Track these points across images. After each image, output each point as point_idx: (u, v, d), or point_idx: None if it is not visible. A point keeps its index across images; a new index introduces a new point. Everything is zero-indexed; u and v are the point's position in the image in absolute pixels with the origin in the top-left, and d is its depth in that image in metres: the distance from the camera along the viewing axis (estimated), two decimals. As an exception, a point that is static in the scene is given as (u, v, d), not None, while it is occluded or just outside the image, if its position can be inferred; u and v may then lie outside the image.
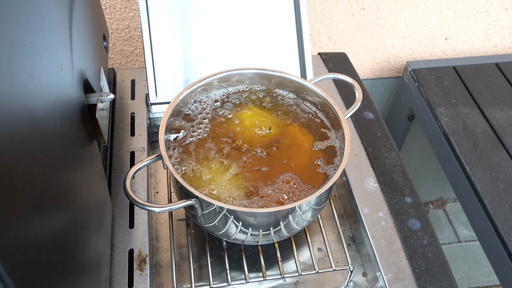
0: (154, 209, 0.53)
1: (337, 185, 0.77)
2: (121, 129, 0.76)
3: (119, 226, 0.63)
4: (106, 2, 0.96)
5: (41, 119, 0.36)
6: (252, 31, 0.80)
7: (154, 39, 0.76)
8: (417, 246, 0.64)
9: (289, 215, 0.56)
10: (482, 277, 1.51)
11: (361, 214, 0.67)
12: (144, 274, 0.59)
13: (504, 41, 1.27)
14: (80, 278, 0.41)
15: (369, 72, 1.28)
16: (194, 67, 0.79)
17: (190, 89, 0.65)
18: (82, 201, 0.46)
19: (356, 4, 1.10)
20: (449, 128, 1.02)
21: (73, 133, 0.44)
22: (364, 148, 0.77)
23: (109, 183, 0.68)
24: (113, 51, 1.05)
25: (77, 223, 0.43)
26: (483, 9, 1.18)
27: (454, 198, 1.69)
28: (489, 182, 0.91)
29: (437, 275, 0.61)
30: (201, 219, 0.58)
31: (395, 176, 0.73)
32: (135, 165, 0.55)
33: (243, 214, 0.54)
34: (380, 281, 0.62)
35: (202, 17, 0.78)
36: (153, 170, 0.76)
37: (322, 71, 0.93)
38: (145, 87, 0.84)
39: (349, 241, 0.70)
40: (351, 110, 0.66)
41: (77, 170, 0.45)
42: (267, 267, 0.65)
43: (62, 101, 0.42)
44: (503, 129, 1.02)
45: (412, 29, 1.19)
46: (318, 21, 1.12)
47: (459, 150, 0.97)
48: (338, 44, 1.19)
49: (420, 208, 0.69)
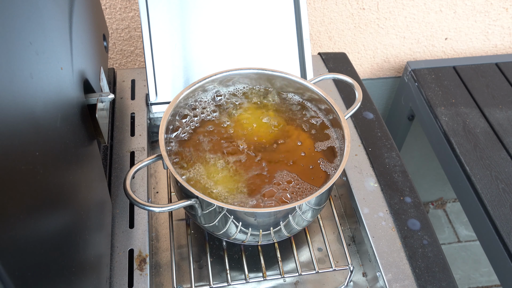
0: (154, 209, 0.53)
1: (337, 185, 0.77)
2: (121, 129, 0.76)
3: (119, 226, 0.63)
4: (106, 2, 0.96)
5: (41, 119, 0.36)
6: (252, 31, 0.80)
7: (154, 39, 0.76)
8: (417, 246, 0.64)
9: (289, 215, 0.56)
10: (482, 277, 1.51)
11: (361, 214, 0.67)
12: (144, 274, 0.59)
13: (504, 41, 1.27)
14: (80, 278, 0.41)
15: (369, 72, 1.28)
16: (194, 67, 0.79)
17: (190, 89, 0.65)
18: (82, 201, 0.46)
19: (356, 4, 1.10)
20: (449, 128, 1.02)
21: (73, 133, 0.44)
22: (364, 148, 0.77)
23: (109, 183, 0.68)
24: (113, 51, 1.06)
25: (77, 223, 0.43)
26: (483, 9, 1.18)
27: (454, 198, 1.69)
28: (489, 182, 0.91)
29: (437, 275, 0.61)
30: (201, 219, 0.58)
31: (395, 176, 0.73)
32: (135, 165, 0.55)
33: (243, 214, 0.54)
34: (380, 281, 0.62)
35: (202, 17, 0.78)
36: (153, 170, 0.76)
37: (322, 71, 0.93)
38: (145, 87, 0.84)
39: (349, 241, 0.70)
40: (351, 110, 0.66)
41: (77, 170, 0.45)
42: (267, 267, 0.65)
43: (62, 101, 0.42)
44: (503, 129, 1.02)
45: (412, 29, 1.19)
46: (318, 21, 1.12)
47: (459, 150, 0.97)
48: (338, 44, 1.19)
49: (420, 208, 0.69)
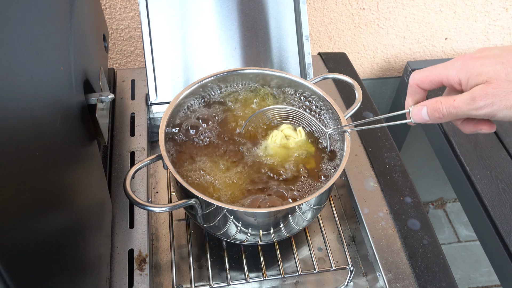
0: (154, 209, 0.53)
1: (337, 185, 0.77)
2: (121, 129, 0.76)
3: (119, 226, 0.63)
4: (106, 2, 0.96)
5: (41, 119, 0.36)
6: (252, 31, 0.80)
7: (154, 39, 0.76)
8: (417, 246, 0.64)
9: (289, 215, 0.56)
10: (482, 277, 1.51)
11: (361, 214, 0.67)
12: (144, 274, 0.59)
13: (504, 41, 1.27)
14: (80, 278, 0.41)
15: (369, 72, 1.28)
16: (194, 67, 0.79)
17: (190, 89, 0.65)
18: (82, 201, 0.46)
19: (356, 4, 1.10)
20: (449, 128, 1.02)
21: (73, 133, 0.44)
22: (364, 148, 0.77)
23: (109, 183, 0.68)
24: (113, 51, 1.05)
25: (77, 223, 0.43)
26: (483, 9, 1.18)
27: (454, 198, 1.69)
28: (489, 182, 0.91)
29: (437, 275, 0.61)
30: (201, 219, 0.58)
31: (395, 176, 0.73)
32: (135, 165, 0.55)
33: (243, 214, 0.54)
34: (380, 281, 0.62)
35: (202, 17, 0.78)
36: (153, 170, 0.76)
37: (322, 71, 0.93)
38: (145, 87, 0.84)
39: (349, 241, 0.70)
40: (351, 110, 0.66)
41: (77, 170, 0.45)
42: (267, 267, 0.65)
43: (62, 101, 0.42)
44: (503, 129, 1.02)
45: (412, 29, 1.19)
46: (318, 21, 1.12)
47: (459, 150, 0.97)
48: (338, 44, 1.19)
49: (420, 208, 0.69)
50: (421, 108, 0.47)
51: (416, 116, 0.48)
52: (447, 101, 0.45)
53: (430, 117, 0.47)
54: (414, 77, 0.49)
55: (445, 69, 0.46)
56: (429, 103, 0.47)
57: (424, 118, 0.47)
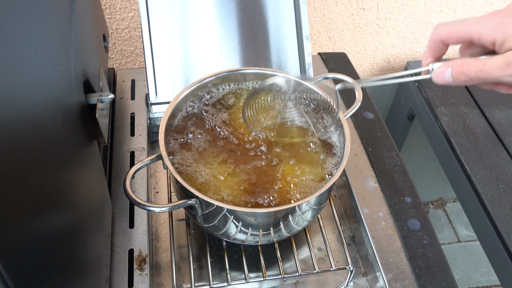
0: (154, 209, 0.53)
1: (337, 185, 0.77)
2: (121, 129, 0.76)
3: (119, 226, 0.63)
4: (106, 2, 0.96)
5: (41, 119, 0.36)
6: (252, 31, 0.80)
7: (154, 39, 0.76)
8: (417, 246, 0.64)
9: (289, 215, 0.56)
10: (482, 277, 1.51)
11: (361, 214, 0.67)
12: (144, 274, 0.59)
13: (504, 41, 1.27)
14: (80, 278, 0.41)
15: (369, 72, 1.28)
16: (194, 67, 0.79)
17: (190, 89, 0.65)
18: (82, 201, 0.46)
19: (356, 4, 1.10)
20: (449, 128, 1.02)
21: (73, 133, 0.44)
22: (364, 148, 0.77)
23: (109, 183, 0.68)
24: (113, 51, 1.05)
25: (77, 223, 0.43)
26: (483, 9, 1.18)
27: (454, 198, 1.69)
28: (489, 182, 0.91)
29: (437, 275, 0.61)
30: (201, 219, 0.58)
31: (395, 176, 0.73)
32: (135, 165, 0.55)
33: (243, 214, 0.54)
34: (380, 281, 0.62)
35: (202, 17, 0.78)
36: (153, 170, 0.76)
37: (322, 71, 0.93)
38: (145, 87, 0.84)
39: (349, 241, 0.70)
40: (351, 110, 0.66)
41: (77, 170, 0.45)
42: (267, 267, 0.65)
43: (62, 101, 0.42)
44: (503, 129, 1.02)
45: (412, 29, 1.19)
46: (318, 21, 1.12)
47: (459, 150, 0.97)
48: (338, 44, 1.19)
49: (420, 208, 0.69)
50: (445, 70, 0.43)
51: (438, 78, 0.43)
52: (476, 64, 0.40)
53: (455, 79, 0.42)
54: (438, 31, 0.43)
55: (478, 25, 0.41)
56: (455, 64, 0.42)
57: (447, 80, 0.43)
